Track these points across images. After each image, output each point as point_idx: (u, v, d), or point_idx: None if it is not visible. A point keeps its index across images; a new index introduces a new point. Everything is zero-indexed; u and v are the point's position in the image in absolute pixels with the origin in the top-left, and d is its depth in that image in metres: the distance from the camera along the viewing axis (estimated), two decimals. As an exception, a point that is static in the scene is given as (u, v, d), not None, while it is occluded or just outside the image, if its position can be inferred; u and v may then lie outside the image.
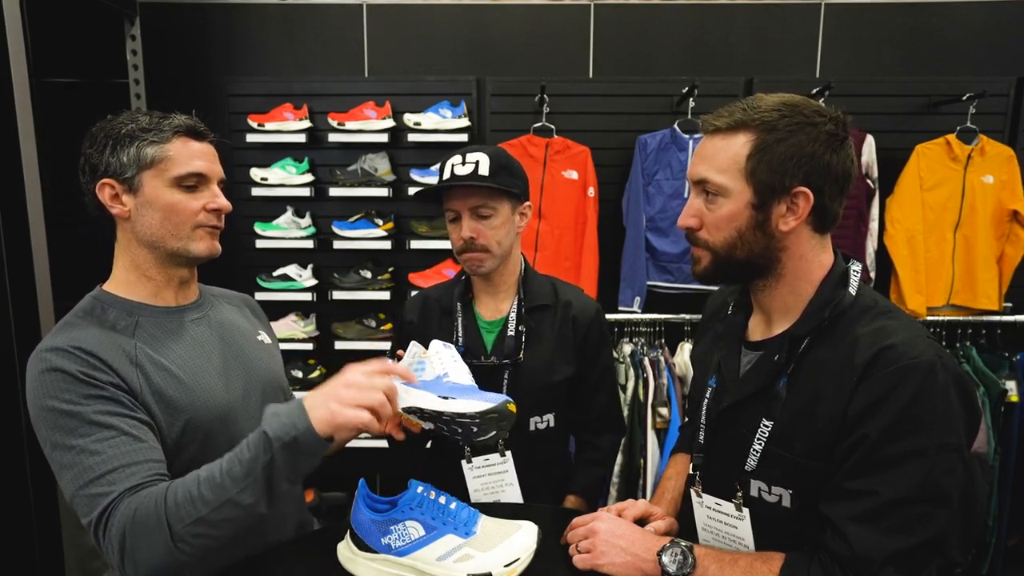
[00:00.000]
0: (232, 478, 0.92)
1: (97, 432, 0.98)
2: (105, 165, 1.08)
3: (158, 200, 1.10)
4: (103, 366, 1.02)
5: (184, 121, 1.12)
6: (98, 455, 0.97)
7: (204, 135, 1.15)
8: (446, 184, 1.43)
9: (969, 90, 2.68)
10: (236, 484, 0.91)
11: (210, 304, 1.26)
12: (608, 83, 2.90)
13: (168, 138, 1.10)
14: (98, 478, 0.96)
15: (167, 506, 0.92)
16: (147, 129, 1.09)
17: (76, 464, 0.97)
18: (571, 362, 1.55)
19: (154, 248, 1.12)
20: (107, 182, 1.09)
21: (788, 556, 0.96)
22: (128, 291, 1.14)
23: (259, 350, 1.28)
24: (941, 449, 0.87)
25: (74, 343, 1.03)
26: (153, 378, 1.07)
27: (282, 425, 0.92)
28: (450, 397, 1.00)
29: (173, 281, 1.17)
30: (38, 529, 2.07)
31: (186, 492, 0.93)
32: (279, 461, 0.91)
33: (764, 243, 0.99)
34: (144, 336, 1.10)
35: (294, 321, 2.92)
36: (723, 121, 0.98)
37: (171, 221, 1.11)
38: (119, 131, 1.08)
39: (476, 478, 1.51)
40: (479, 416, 0.99)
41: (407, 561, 1.01)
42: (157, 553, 0.92)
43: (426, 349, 1.19)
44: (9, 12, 1.92)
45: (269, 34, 3.01)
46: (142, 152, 1.08)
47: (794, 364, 0.99)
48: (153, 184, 1.09)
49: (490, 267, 1.49)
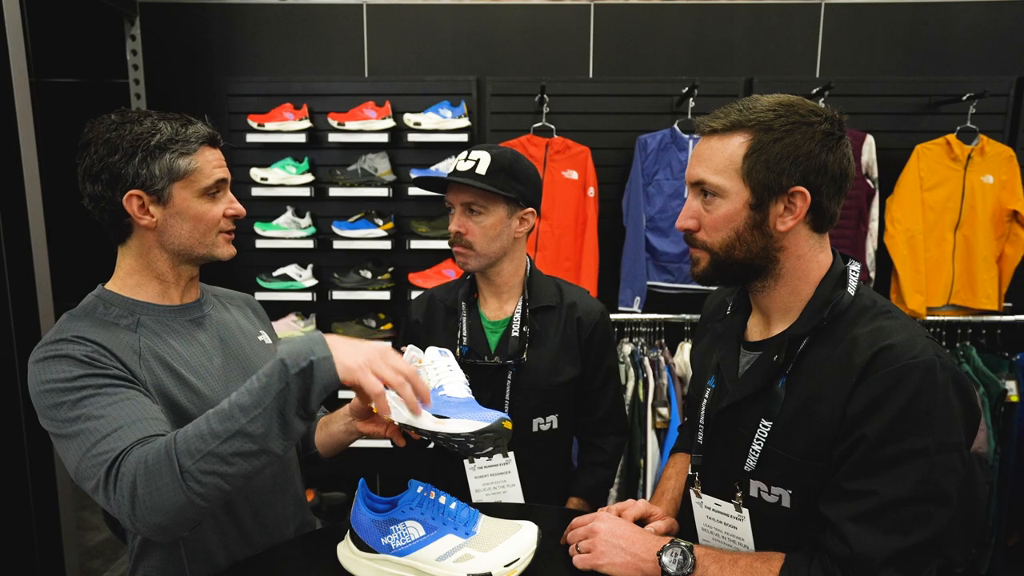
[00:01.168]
0: (241, 407, 0.88)
1: (102, 398, 0.96)
2: (133, 176, 1.07)
3: (188, 211, 1.11)
4: (108, 354, 1.02)
5: (205, 130, 1.13)
6: (103, 418, 0.94)
7: (219, 142, 1.17)
8: (446, 178, 1.46)
9: (969, 90, 2.68)
10: (245, 413, 0.87)
11: (212, 304, 1.26)
12: (608, 83, 2.90)
13: (195, 149, 1.10)
14: (104, 438, 0.93)
15: (176, 444, 0.88)
16: (175, 140, 1.08)
17: (80, 432, 0.94)
18: (575, 363, 1.55)
19: (178, 255, 1.14)
20: (135, 193, 1.07)
21: (788, 556, 0.96)
22: (132, 291, 1.14)
23: (260, 351, 1.28)
24: (941, 449, 0.87)
25: (78, 333, 1.03)
26: (157, 374, 1.07)
27: (299, 352, 0.89)
28: (444, 416, 1.00)
29: (183, 280, 1.18)
30: (38, 529, 2.08)
31: (196, 428, 0.89)
32: (293, 388, 0.88)
33: (762, 243, 0.99)
34: (147, 333, 1.11)
35: (294, 321, 2.92)
36: (719, 122, 0.98)
37: (199, 230, 1.13)
38: (148, 142, 1.07)
39: (478, 478, 1.51)
40: (474, 436, 0.98)
41: (407, 561, 1.02)
42: (168, 496, 0.87)
43: (422, 355, 1.18)
44: (9, 12, 1.92)
45: (269, 34, 3.01)
46: (174, 164, 1.08)
47: (793, 364, 0.99)
48: (183, 195, 1.10)
49: (475, 266, 1.50)
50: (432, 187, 1.54)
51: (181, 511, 0.88)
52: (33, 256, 2.02)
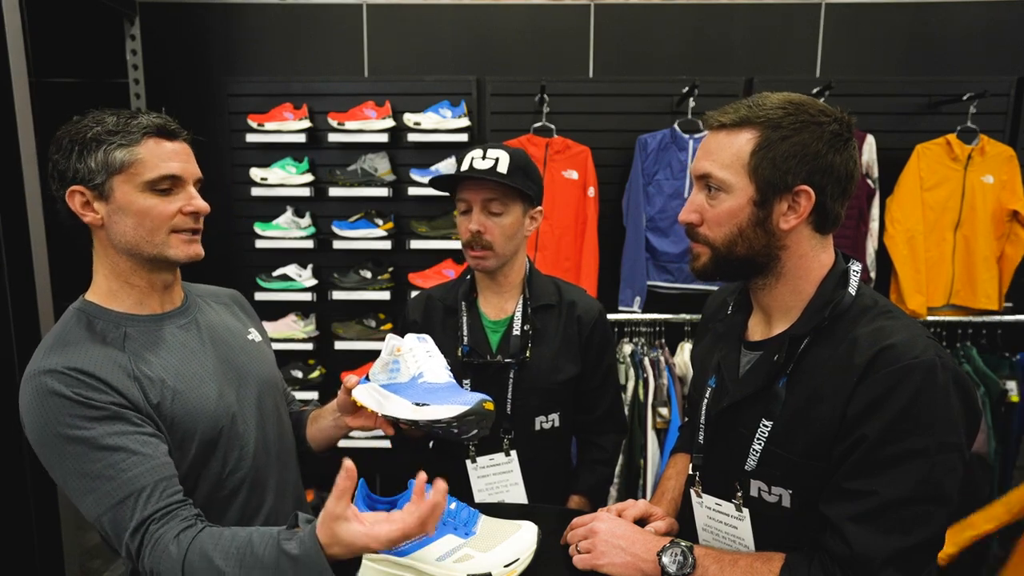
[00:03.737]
0: (262, 565, 0.92)
1: (107, 457, 0.97)
2: (73, 171, 1.03)
3: (130, 206, 1.04)
4: (103, 386, 1.00)
5: (153, 120, 1.06)
6: (113, 480, 0.97)
7: (176, 134, 1.09)
8: (464, 175, 1.44)
9: (969, 90, 2.68)
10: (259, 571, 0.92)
11: (196, 307, 1.22)
12: (608, 83, 2.90)
13: (138, 140, 1.03)
14: (117, 504, 0.96)
15: (189, 565, 0.94)
16: (114, 131, 1.03)
17: (93, 491, 0.97)
18: (576, 362, 1.55)
19: (131, 255, 1.08)
20: (76, 189, 1.03)
21: (788, 556, 0.96)
22: (112, 301, 1.10)
23: (251, 350, 1.26)
24: (941, 448, 0.87)
25: (70, 364, 0.99)
26: (150, 391, 1.05)
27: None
28: (424, 403, 0.99)
29: (156, 286, 1.13)
30: (38, 529, 2.08)
31: (211, 560, 0.93)
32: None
33: (764, 240, 0.99)
34: (134, 347, 1.07)
35: (294, 321, 2.92)
36: (728, 117, 0.98)
37: (144, 227, 1.05)
38: (85, 135, 1.02)
39: (480, 477, 1.51)
40: (456, 420, 0.98)
41: (407, 561, 1.01)
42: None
43: (401, 343, 1.16)
44: (9, 12, 1.92)
45: (269, 34, 3.00)
46: (110, 156, 1.02)
47: (794, 364, 0.99)
48: (124, 189, 1.04)
49: (493, 265, 1.49)
50: (441, 186, 1.52)
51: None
52: (33, 256, 2.02)
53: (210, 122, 2.92)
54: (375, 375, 1.12)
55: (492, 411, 1.01)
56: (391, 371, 1.11)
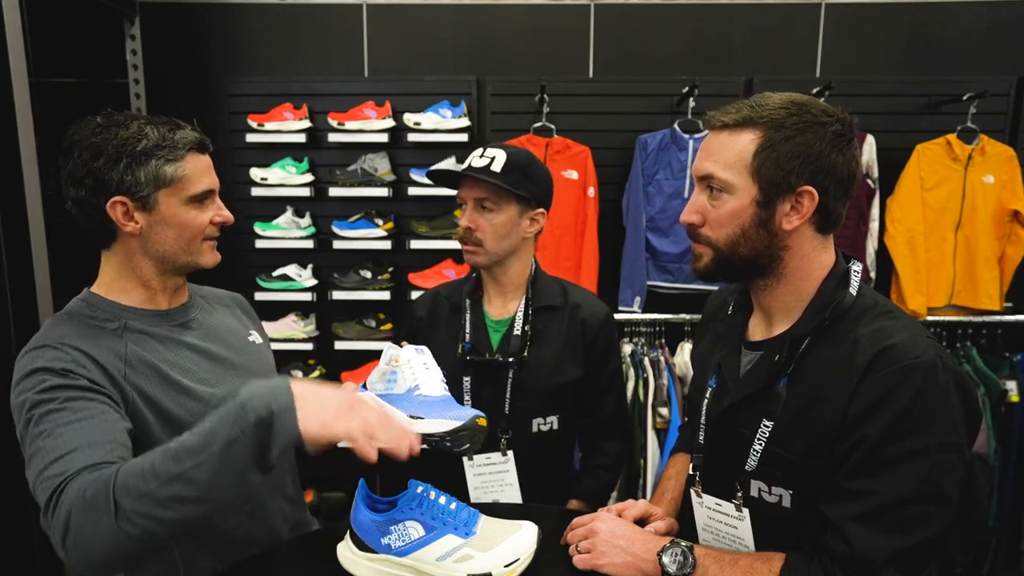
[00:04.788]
0: (188, 450, 0.80)
1: (64, 414, 0.93)
2: (118, 182, 1.04)
3: (174, 218, 1.09)
4: (88, 361, 1.00)
5: (193, 136, 1.11)
6: (60, 437, 0.91)
7: (208, 147, 1.14)
8: (460, 173, 1.47)
9: (969, 90, 2.68)
10: (192, 456, 0.80)
11: (200, 307, 1.24)
12: (608, 83, 2.90)
13: (183, 155, 1.08)
14: (56, 460, 0.89)
15: (117, 480, 0.82)
16: (161, 146, 1.06)
17: (39, 450, 0.91)
18: (578, 364, 1.55)
19: (162, 262, 1.12)
20: (120, 200, 1.05)
21: (788, 556, 0.96)
22: (119, 295, 1.12)
23: (251, 351, 1.27)
24: (942, 448, 0.87)
25: (61, 339, 1.01)
26: (144, 381, 1.05)
27: (260, 396, 0.81)
28: (418, 416, 1.00)
29: (169, 287, 1.16)
30: (38, 529, 2.07)
31: (140, 464, 0.83)
32: (248, 437, 0.79)
33: (767, 241, 0.98)
34: (134, 338, 1.09)
35: (294, 321, 2.92)
36: (730, 117, 0.98)
37: (184, 237, 1.11)
38: (134, 147, 1.04)
39: (476, 476, 1.51)
40: (448, 435, 0.99)
41: (407, 561, 1.01)
42: (101, 533, 0.81)
43: (399, 353, 1.16)
44: (9, 12, 1.92)
45: (269, 34, 3.00)
46: (160, 171, 1.06)
47: (794, 364, 0.98)
48: (170, 203, 1.08)
49: (484, 262, 1.51)
50: (444, 182, 1.54)
51: (113, 551, 0.82)
52: (33, 256, 2.02)
53: (210, 122, 2.91)
54: (372, 384, 1.13)
55: (485, 427, 1.02)
56: (388, 381, 1.11)
